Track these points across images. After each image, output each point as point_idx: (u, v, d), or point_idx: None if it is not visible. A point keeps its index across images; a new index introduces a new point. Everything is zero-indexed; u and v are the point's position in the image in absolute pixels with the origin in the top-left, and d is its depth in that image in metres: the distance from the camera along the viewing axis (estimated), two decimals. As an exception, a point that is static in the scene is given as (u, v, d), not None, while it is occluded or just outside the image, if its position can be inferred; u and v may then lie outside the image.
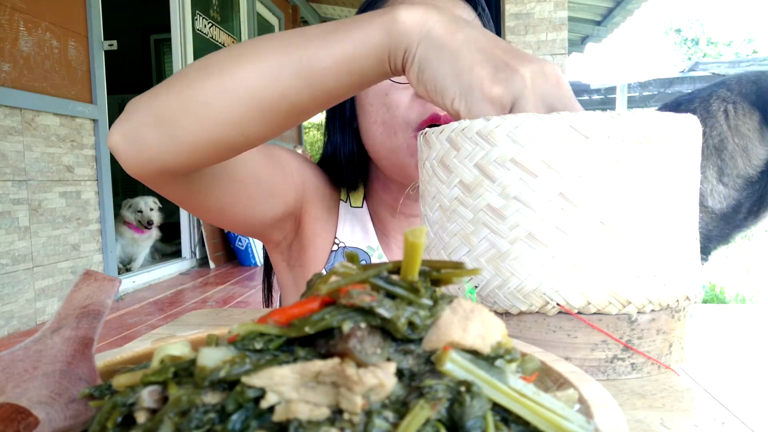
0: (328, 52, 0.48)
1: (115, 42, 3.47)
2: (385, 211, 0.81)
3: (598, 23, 7.06)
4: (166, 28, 4.55)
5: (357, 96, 0.75)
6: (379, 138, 0.73)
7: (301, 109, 0.51)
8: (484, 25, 0.78)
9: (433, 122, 0.69)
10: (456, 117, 0.45)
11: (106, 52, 3.48)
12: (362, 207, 0.82)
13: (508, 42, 0.46)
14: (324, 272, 0.80)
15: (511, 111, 0.43)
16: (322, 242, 0.79)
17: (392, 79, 0.69)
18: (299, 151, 5.02)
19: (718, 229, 1.06)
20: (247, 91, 0.49)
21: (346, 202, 0.82)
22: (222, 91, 0.49)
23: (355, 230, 0.81)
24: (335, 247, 0.79)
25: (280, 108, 0.50)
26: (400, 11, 0.47)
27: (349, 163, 0.80)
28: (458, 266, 0.26)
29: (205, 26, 4.85)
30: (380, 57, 0.48)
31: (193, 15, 4.64)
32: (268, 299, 0.91)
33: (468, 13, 0.76)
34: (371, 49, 0.48)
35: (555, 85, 0.44)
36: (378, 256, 0.81)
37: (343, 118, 0.79)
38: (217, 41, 5.09)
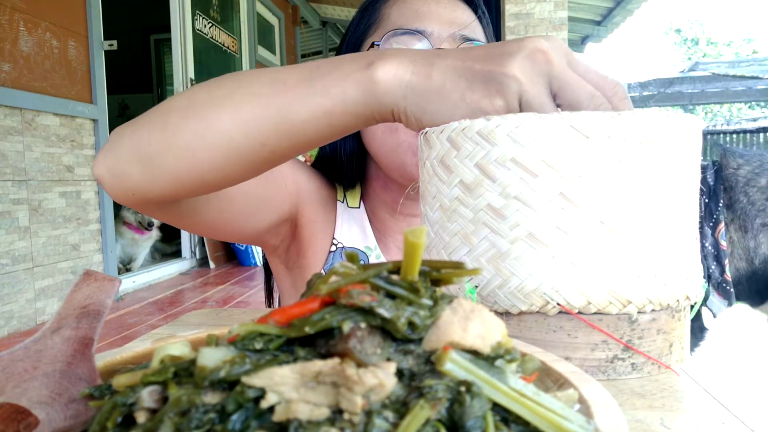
0: (306, 106, 0.47)
1: (115, 42, 3.46)
2: (384, 211, 0.81)
3: (598, 23, 7.07)
4: (166, 28, 4.55)
5: None
6: (380, 136, 0.73)
7: (282, 155, 0.51)
8: (484, 28, 0.78)
9: None
10: None
11: (106, 52, 3.48)
12: (359, 207, 0.82)
13: (481, 47, 0.45)
14: (323, 273, 0.80)
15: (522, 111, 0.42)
16: (320, 243, 0.79)
17: None
18: None
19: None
20: (225, 138, 0.49)
21: (342, 202, 0.82)
22: (200, 137, 0.49)
23: (352, 231, 0.81)
24: (333, 248, 0.79)
25: (260, 155, 0.50)
26: (375, 69, 0.46)
27: (349, 161, 0.80)
28: (458, 266, 0.26)
29: (205, 26, 4.85)
30: (363, 115, 0.48)
31: (193, 15, 4.64)
32: (269, 301, 0.92)
33: (468, 15, 0.76)
34: (351, 107, 0.47)
35: (546, 63, 0.42)
36: (376, 256, 0.80)
37: None
38: (217, 41, 5.09)
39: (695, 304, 0.44)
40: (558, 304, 0.39)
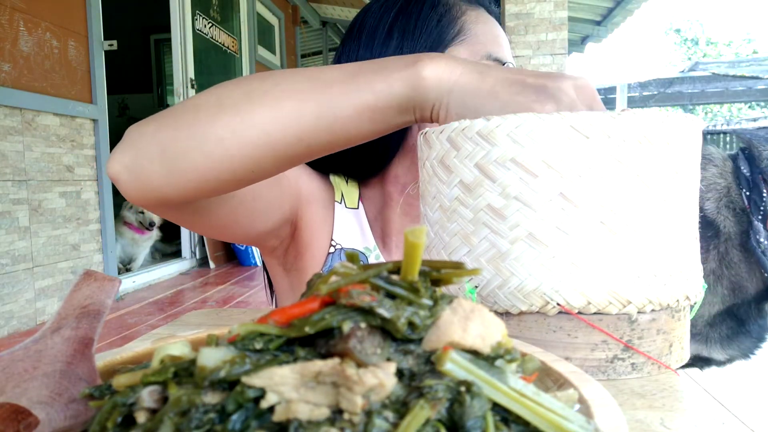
0: (349, 101, 0.48)
1: (115, 42, 3.46)
2: (391, 212, 0.81)
3: (598, 23, 7.06)
4: (166, 28, 4.55)
5: None
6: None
7: (318, 150, 0.51)
8: None
9: None
10: None
11: (106, 52, 3.48)
12: (358, 208, 0.82)
13: (532, 69, 0.47)
14: (323, 273, 0.80)
15: None
16: (319, 245, 0.79)
17: None
18: None
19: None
20: (263, 134, 0.48)
21: (341, 203, 0.82)
22: (236, 132, 0.48)
23: (351, 231, 0.81)
24: (332, 249, 0.79)
25: (295, 150, 0.50)
26: (424, 66, 0.47)
27: (392, 151, 0.78)
28: (458, 266, 0.26)
29: (205, 26, 4.85)
30: (404, 108, 0.48)
31: (193, 15, 4.64)
32: (272, 299, 0.91)
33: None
34: (394, 101, 0.48)
35: (591, 98, 0.46)
36: (375, 256, 0.80)
37: None
38: (217, 41, 5.09)
39: (695, 304, 0.44)
40: (558, 304, 0.39)
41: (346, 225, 0.80)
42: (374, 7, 0.79)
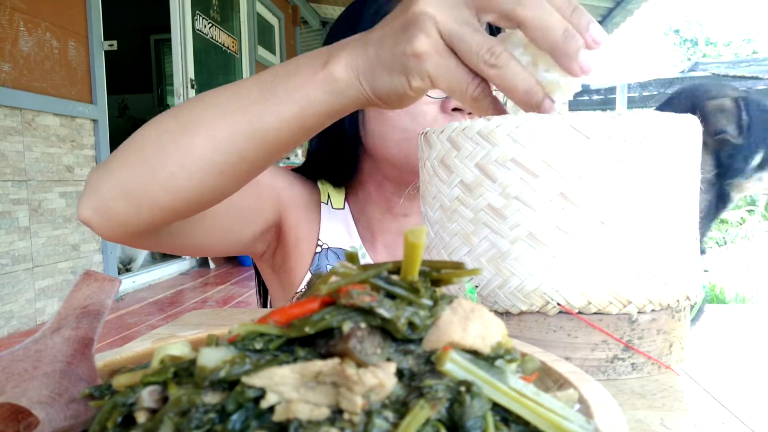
0: (275, 115, 0.48)
1: (115, 42, 3.46)
2: (374, 211, 0.82)
3: (598, 23, 7.06)
4: (166, 28, 4.55)
5: None
6: (396, 141, 0.73)
7: (262, 165, 0.53)
8: None
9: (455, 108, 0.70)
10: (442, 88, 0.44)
11: (106, 52, 3.48)
12: (344, 208, 0.83)
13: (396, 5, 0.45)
14: (309, 274, 0.80)
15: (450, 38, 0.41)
16: (306, 245, 0.80)
17: (428, 94, 0.70)
18: (299, 151, 5.01)
19: None
20: (208, 162, 0.50)
21: (327, 204, 0.83)
22: (184, 165, 0.50)
23: (337, 231, 0.82)
24: (319, 249, 0.80)
25: (241, 168, 0.51)
26: (331, 66, 0.47)
27: (345, 161, 0.80)
28: (458, 266, 0.26)
29: (205, 26, 4.85)
30: (334, 111, 0.48)
31: (193, 15, 4.64)
32: (264, 302, 0.92)
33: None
34: (320, 107, 0.48)
35: None
36: (362, 255, 0.81)
37: (354, 121, 0.79)
38: (217, 41, 5.09)
39: (695, 304, 0.44)
40: (558, 304, 0.39)
41: (332, 225, 0.82)
42: None
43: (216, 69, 5.01)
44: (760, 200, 7.44)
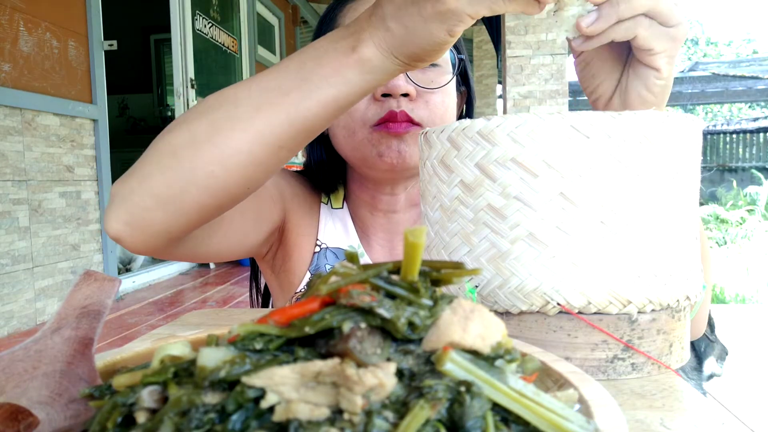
0: (314, 101, 0.50)
1: (115, 42, 3.46)
2: (364, 210, 0.83)
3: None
4: (166, 28, 4.54)
5: None
6: (342, 139, 0.76)
7: (299, 148, 0.54)
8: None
9: (389, 119, 0.71)
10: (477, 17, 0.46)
11: (106, 52, 3.48)
12: (342, 208, 0.84)
13: None
14: (309, 274, 0.81)
15: None
16: (305, 246, 0.81)
17: None
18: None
19: None
20: (248, 155, 0.51)
21: (327, 204, 0.84)
22: (224, 162, 0.51)
23: (336, 231, 0.83)
24: (317, 249, 0.81)
25: (279, 157, 0.53)
26: (361, 50, 0.49)
27: (319, 168, 0.82)
28: (458, 266, 0.26)
29: (205, 26, 4.85)
30: (370, 87, 0.51)
31: (193, 15, 4.63)
32: (261, 303, 0.92)
33: None
34: (356, 88, 0.50)
35: None
36: (360, 255, 0.81)
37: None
38: (217, 41, 5.09)
39: (695, 304, 0.44)
40: (558, 304, 0.39)
41: (331, 225, 0.83)
42: None
43: (216, 69, 5.01)
44: (760, 200, 7.44)
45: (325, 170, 0.83)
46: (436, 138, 0.44)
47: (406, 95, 0.72)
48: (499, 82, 7.22)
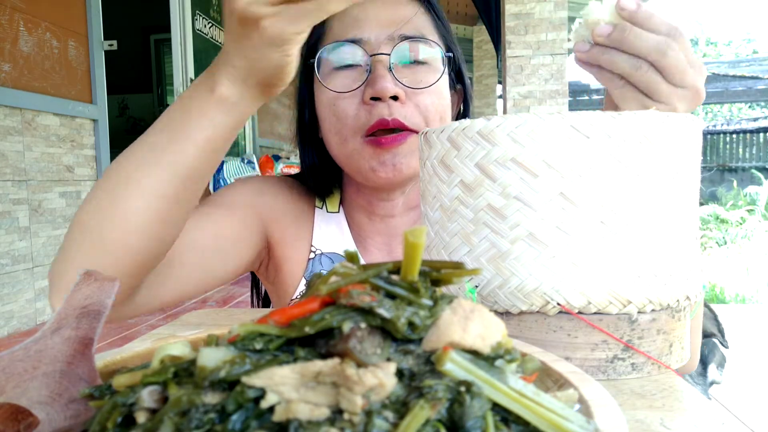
0: (190, 148, 0.53)
1: (115, 42, 3.46)
2: (360, 214, 0.82)
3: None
4: (166, 28, 4.54)
5: (316, 108, 0.76)
6: (335, 146, 0.74)
7: (199, 190, 0.57)
8: (433, 19, 0.77)
9: (380, 127, 0.69)
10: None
11: (106, 52, 3.48)
12: (339, 212, 0.83)
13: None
14: (304, 280, 0.80)
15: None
16: (298, 254, 0.80)
17: (336, 90, 0.71)
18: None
19: None
20: (146, 212, 0.53)
21: (322, 208, 0.83)
22: (125, 226, 0.53)
23: (331, 235, 0.81)
24: (312, 255, 0.80)
25: (181, 206, 0.56)
26: (218, 90, 0.53)
27: (311, 173, 0.81)
28: (458, 266, 0.26)
29: (205, 26, 4.85)
30: (237, 123, 0.55)
31: (193, 15, 4.63)
32: (260, 302, 0.92)
33: (410, 10, 0.74)
34: (226, 126, 0.54)
35: None
36: None
37: (304, 131, 0.80)
38: (217, 41, 5.09)
39: (695, 304, 0.44)
40: (558, 304, 0.39)
41: (326, 229, 0.81)
42: None
43: (216, 69, 5.00)
44: (760, 200, 7.44)
45: (317, 175, 0.81)
46: (436, 138, 0.44)
47: (396, 98, 0.69)
48: (499, 82, 7.22)
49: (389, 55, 0.70)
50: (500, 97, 6.15)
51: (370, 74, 0.70)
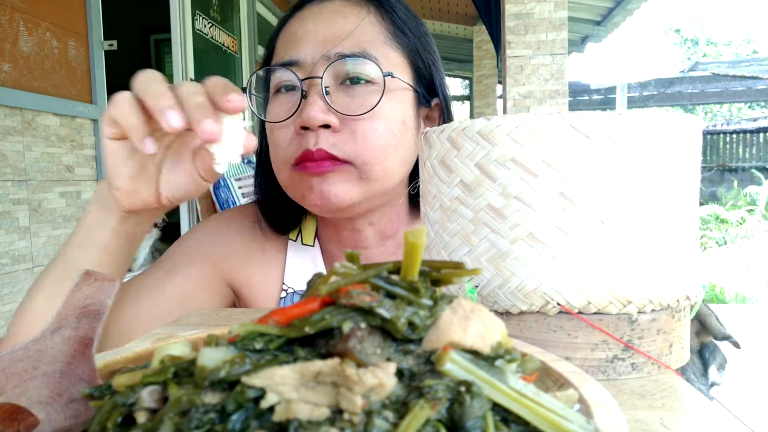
0: (86, 254, 0.58)
1: (115, 42, 3.46)
2: (334, 247, 0.76)
3: (598, 23, 7.06)
4: (166, 28, 4.54)
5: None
6: (276, 175, 0.70)
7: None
8: (389, 21, 0.69)
9: (305, 159, 0.63)
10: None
11: (106, 52, 3.48)
12: (314, 245, 0.77)
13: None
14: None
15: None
16: (268, 294, 0.75)
17: (270, 120, 0.67)
18: None
19: None
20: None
21: (296, 240, 0.77)
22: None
23: (305, 271, 0.76)
24: (284, 294, 0.75)
25: None
26: (90, 206, 0.59)
27: (267, 206, 0.76)
28: (458, 266, 0.26)
29: (205, 26, 4.85)
30: (121, 224, 0.58)
31: (193, 15, 4.63)
32: None
33: (352, 21, 0.67)
34: (109, 229, 0.58)
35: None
36: None
37: (259, 159, 0.76)
38: (217, 41, 5.09)
39: (695, 304, 0.44)
40: (558, 303, 0.39)
41: (299, 264, 0.76)
42: None
43: (216, 69, 5.01)
44: (760, 200, 7.44)
45: (273, 208, 0.74)
46: (436, 138, 0.44)
47: (327, 127, 0.63)
48: (499, 82, 7.23)
49: (321, 78, 0.63)
50: (500, 97, 6.15)
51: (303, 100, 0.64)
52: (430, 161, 0.45)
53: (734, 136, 11.10)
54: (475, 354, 0.23)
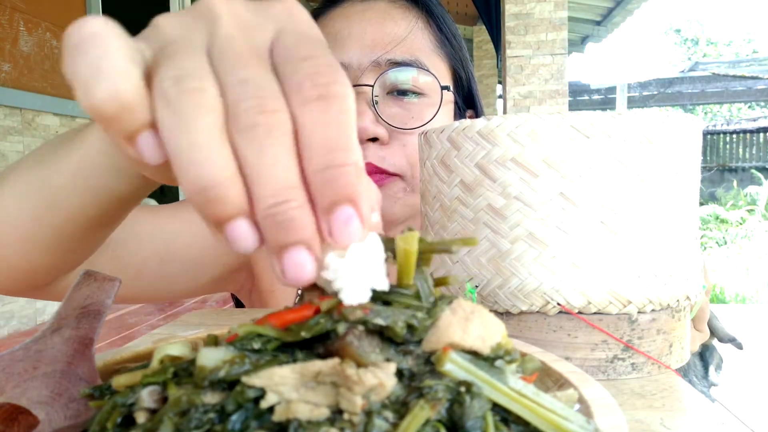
0: (59, 174, 0.42)
1: (115, 42, 3.46)
2: None
3: (598, 23, 7.06)
4: (166, 28, 4.55)
5: None
6: None
7: (77, 215, 0.43)
8: (435, 31, 0.65)
9: None
10: None
11: (106, 52, 3.48)
12: None
13: None
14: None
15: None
16: (288, 290, 0.71)
17: None
18: None
19: None
20: (27, 220, 0.44)
21: None
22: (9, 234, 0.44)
23: None
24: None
25: (60, 220, 0.43)
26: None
27: None
28: (451, 243, 0.25)
29: (205, 26, 4.85)
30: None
31: (193, 15, 4.63)
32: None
33: (403, 26, 0.63)
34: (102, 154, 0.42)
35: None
36: None
37: None
38: (217, 41, 5.09)
39: (695, 304, 0.44)
40: (558, 304, 0.39)
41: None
42: None
43: (216, 69, 5.00)
44: (760, 200, 7.44)
45: None
46: (436, 138, 0.44)
47: (375, 139, 0.60)
48: (499, 82, 7.23)
49: (372, 86, 0.60)
50: (500, 97, 6.15)
51: None
52: (430, 161, 0.45)
53: (734, 136, 11.11)
54: (475, 354, 0.23)
